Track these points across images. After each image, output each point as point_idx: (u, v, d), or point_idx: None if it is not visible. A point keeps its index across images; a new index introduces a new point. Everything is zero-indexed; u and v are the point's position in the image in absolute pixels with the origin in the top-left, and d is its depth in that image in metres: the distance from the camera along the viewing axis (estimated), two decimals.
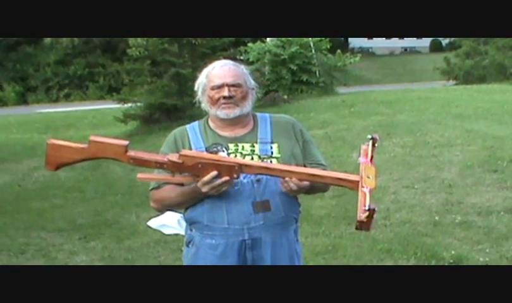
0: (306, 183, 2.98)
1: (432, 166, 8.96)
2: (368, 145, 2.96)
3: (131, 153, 2.94)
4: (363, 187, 2.77)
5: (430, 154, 9.56)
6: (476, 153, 9.34)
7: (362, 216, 2.67)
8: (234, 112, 3.15)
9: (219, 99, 3.15)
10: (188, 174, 2.99)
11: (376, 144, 2.96)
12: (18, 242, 7.21)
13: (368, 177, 2.81)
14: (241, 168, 2.92)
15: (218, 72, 3.20)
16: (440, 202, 7.53)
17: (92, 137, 2.97)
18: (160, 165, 2.97)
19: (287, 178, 2.96)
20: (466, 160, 9.05)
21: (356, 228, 2.74)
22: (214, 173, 2.90)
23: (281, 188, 3.04)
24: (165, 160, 2.94)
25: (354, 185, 2.85)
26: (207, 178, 2.91)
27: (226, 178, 2.91)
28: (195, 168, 2.92)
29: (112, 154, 2.97)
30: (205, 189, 2.95)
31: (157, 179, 3.17)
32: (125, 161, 2.96)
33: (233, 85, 3.16)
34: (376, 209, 2.66)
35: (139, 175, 3.04)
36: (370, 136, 2.97)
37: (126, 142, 2.95)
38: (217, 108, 3.17)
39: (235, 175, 2.92)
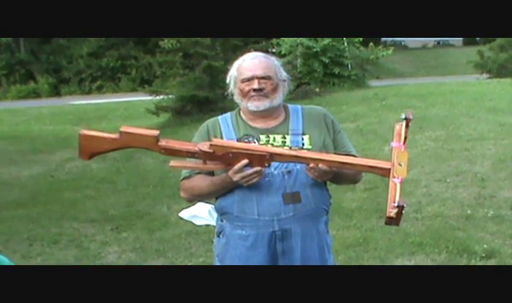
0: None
1: (465, 160, 8.88)
2: (401, 125, 2.93)
3: (162, 142, 2.95)
4: (394, 177, 2.75)
5: (463, 148, 9.48)
6: (510, 147, 9.23)
7: (392, 212, 2.66)
8: (264, 104, 3.15)
9: (249, 91, 3.16)
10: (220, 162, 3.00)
11: (410, 124, 2.92)
12: (51, 232, 7.28)
13: (400, 165, 2.79)
14: (272, 157, 2.92)
15: (248, 64, 3.21)
16: (472, 196, 7.47)
17: (123, 128, 2.99)
18: (191, 155, 2.98)
19: (312, 164, 2.95)
20: (499, 153, 8.96)
21: (386, 223, 2.74)
22: (245, 161, 2.91)
23: (312, 180, 3.04)
24: (196, 149, 2.95)
25: (386, 173, 2.83)
26: (237, 166, 2.93)
27: (257, 168, 2.92)
28: (226, 158, 2.93)
29: (143, 144, 3.00)
30: (236, 178, 2.97)
31: (189, 167, 3.17)
32: (156, 150, 2.97)
33: (263, 77, 3.15)
34: (405, 205, 2.65)
35: (172, 163, 3.05)
36: (403, 115, 2.93)
37: (156, 132, 2.97)
38: (247, 101, 3.17)
39: (266, 164, 2.93)
